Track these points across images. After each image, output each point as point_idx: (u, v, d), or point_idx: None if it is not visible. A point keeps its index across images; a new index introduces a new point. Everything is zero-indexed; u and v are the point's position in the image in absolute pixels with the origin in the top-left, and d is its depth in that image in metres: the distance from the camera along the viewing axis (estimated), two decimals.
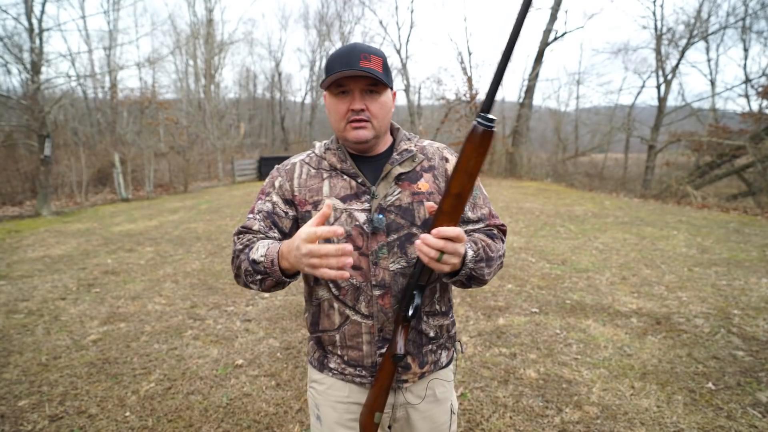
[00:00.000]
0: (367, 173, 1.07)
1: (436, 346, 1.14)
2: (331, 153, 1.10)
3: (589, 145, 21.68)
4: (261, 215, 1.08)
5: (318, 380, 1.16)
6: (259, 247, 0.99)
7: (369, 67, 0.95)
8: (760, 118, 13.31)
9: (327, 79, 0.97)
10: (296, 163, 1.13)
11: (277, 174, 1.13)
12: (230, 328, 3.49)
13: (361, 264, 1.04)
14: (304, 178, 1.09)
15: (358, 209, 1.04)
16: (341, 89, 0.99)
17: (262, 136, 30.22)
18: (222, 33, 27.55)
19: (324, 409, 1.15)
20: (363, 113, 1.00)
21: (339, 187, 1.06)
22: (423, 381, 1.14)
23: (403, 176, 1.07)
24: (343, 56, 0.96)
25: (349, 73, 0.94)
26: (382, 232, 1.03)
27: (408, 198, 1.05)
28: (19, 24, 9.93)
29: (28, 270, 5.08)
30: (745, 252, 5.66)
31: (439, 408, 1.17)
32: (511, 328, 3.41)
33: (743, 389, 2.53)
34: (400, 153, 1.09)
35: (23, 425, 2.27)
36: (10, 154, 11.98)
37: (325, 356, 1.14)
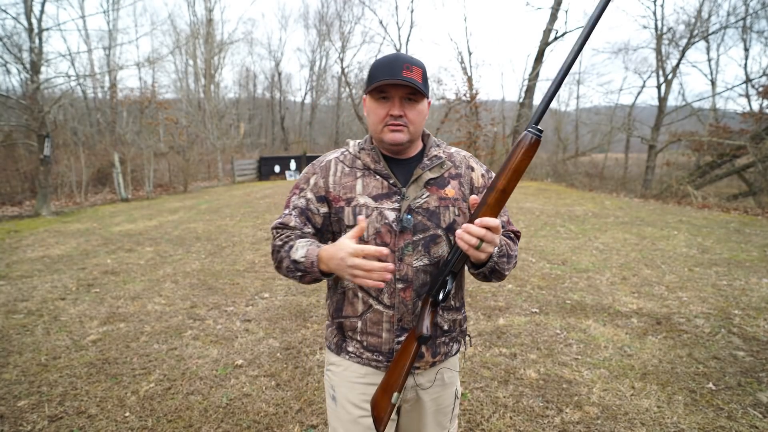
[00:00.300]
0: (398, 175, 1.15)
1: (449, 338, 1.22)
2: (365, 153, 1.16)
3: (590, 145, 21.69)
4: (296, 211, 1.16)
5: (335, 362, 1.23)
6: (298, 247, 1.08)
7: (410, 77, 1.03)
8: (761, 118, 13.30)
9: (371, 85, 1.05)
10: (331, 161, 1.19)
11: (312, 171, 1.20)
12: (230, 328, 3.48)
13: (387, 259, 1.09)
14: (339, 176, 1.16)
15: (388, 208, 1.11)
16: (383, 95, 1.07)
17: (262, 136, 30.22)
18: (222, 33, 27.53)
19: (340, 389, 1.21)
20: (401, 119, 1.07)
21: (371, 186, 1.13)
22: (433, 368, 1.22)
23: (431, 181, 1.14)
24: (387, 65, 1.04)
25: (392, 81, 1.02)
26: (409, 231, 1.11)
27: (435, 202, 1.13)
28: (18, 23, 9.92)
29: (27, 270, 5.08)
30: (745, 252, 5.65)
31: (446, 392, 1.25)
32: (512, 329, 3.41)
33: (744, 389, 2.52)
34: (431, 159, 1.16)
35: (23, 425, 2.26)
36: (10, 154, 11.97)
37: (344, 341, 1.20)
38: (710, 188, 13.74)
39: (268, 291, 4.35)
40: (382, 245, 1.09)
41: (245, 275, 4.86)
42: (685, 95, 28.42)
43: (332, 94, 30.91)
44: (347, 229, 1.13)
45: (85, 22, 20.08)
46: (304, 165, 18.83)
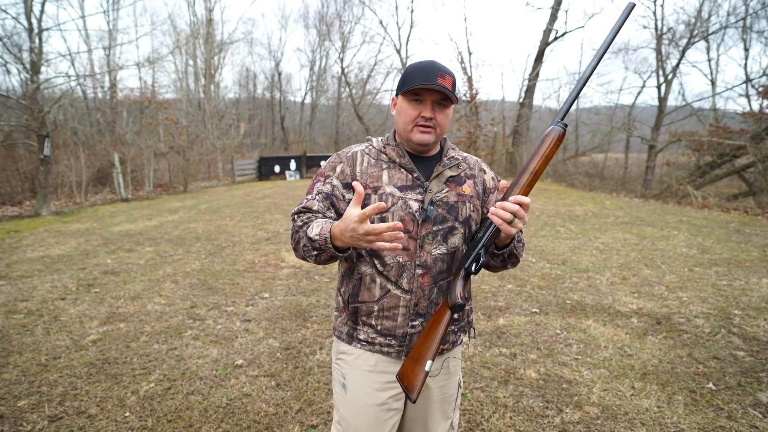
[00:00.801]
0: (420, 170, 1.22)
1: (457, 327, 1.30)
2: (390, 148, 1.24)
3: (590, 145, 21.68)
4: (321, 196, 1.21)
5: (347, 351, 1.27)
6: (314, 226, 1.12)
7: (444, 84, 1.12)
8: (761, 118, 13.30)
9: (407, 86, 1.13)
10: (357, 152, 1.26)
11: (338, 160, 1.25)
12: (230, 328, 3.48)
13: (409, 246, 1.18)
14: (366, 166, 1.23)
15: (412, 199, 1.18)
16: (416, 97, 1.15)
17: (262, 136, 30.22)
18: (222, 33, 27.54)
19: (351, 378, 1.26)
20: (431, 121, 1.16)
21: (396, 178, 1.20)
22: (440, 357, 1.28)
23: (451, 178, 1.24)
24: (424, 70, 1.12)
25: (428, 86, 1.10)
26: (431, 222, 1.18)
27: (454, 197, 1.22)
28: (18, 23, 9.91)
29: (27, 270, 5.08)
30: (745, 252, 5.65)
31: (451, 381, 1.32)
32: (512, 329, 3.41)
33: (744, 389, 2.52)
34: (449, 159, 1.26)
35: (23, 425, 2.26)
36: (10, 154, 11.97)
37: (356, 329, 1.25)
38: (710, 188, 13.74)
39: (268, 291, 4.35)
40: (405, 233, 1.16)
41: (245, 275, 4.86)
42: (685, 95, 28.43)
43: (332, 94, 30.93)
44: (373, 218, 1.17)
45: (85, 22, 20.09)
46: (304, 165, 18.84)
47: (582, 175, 17.66)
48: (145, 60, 19.84)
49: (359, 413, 1.24)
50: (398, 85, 1.19)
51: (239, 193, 13.02)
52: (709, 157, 14.49)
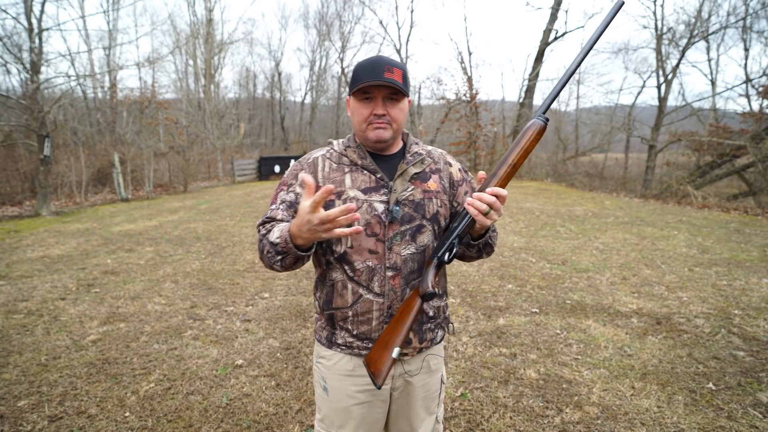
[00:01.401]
0: (384, 170, 1.21)
1: (434, 324, 1.28)
2: (351, 150, 1.22)
3: (590, 145, 21.68)
4: (284, 205, 1.19)
5: (326, 356, 1.28)
6: (274, 231, 1.10)
7: (392, 78, 1.09)
8: (761, 118, 13.30)
9: (355, 86, 1.11)
10: (318, 158, 1.24)
11: (299, 167, 1.24)
12: (230, 328, 3.48)
13: (377, 249, 1.16)
14: (327, 171, 1.21)
15: (377, 200, 1.17)
16: (366, 96, 1.13)
17: (262, 136, 30.21)
18: (222, 33, 27.53)
19: (331, 381, 1.27)
20: (384, 117, 1.14)
21: (360, 180, 1.18)
22: (420, 355, 1.28)
23: (415, 175, 1.22)
24: (369, 67, 1.10)
25: (375, 82, 1.08)
26: (398, 222, 1.17)
27: (420, 195, 1.20)
28: (18, 23, 9.92)
29: (27, 270, 5.08)
30: (745, 252, 5.65)
31: (432, 378, 1.32)
32: (512, 329, 3.41)
33: (744, 389, 2.52)
34: (412, 155, 1.24)
35: (23, 425, 2.26)
36: (10, 154, 11.97)
37: (334, 333, 1.25)
38: (710, 188, 13.73)
39: (268, 291, 4.35)
40: (372, 236, 1.16)
41: (245, 275, 4.86)
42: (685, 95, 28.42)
43: (332, 94, 30.92)
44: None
45: (85, 22, 20.09)
46: None
47: (582, 175, 17.66)
48: (145, 60, 19.84)
49: (343, 414, 1.26)
50: (348, 85, 1.17)
51: (239, 193, 13.02)
52: (709, 157, 14.49)
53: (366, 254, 1.16)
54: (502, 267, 5.08)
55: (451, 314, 3.70)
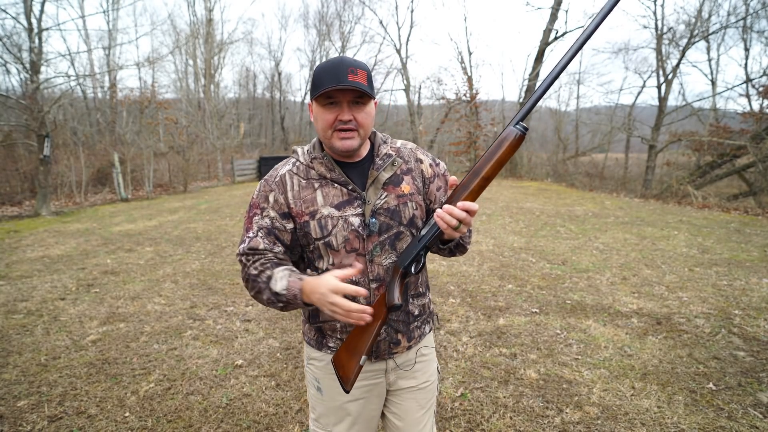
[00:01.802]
0: (354, 178, 1.16)
1: (420, 321, 1.29)
2: (318, 162, 1.16)
3: (590, 144, 21.68)
4: (263, 232, 1.14)
5: (317, 357, 1.26)
6: (278, 278, 1.07)
7: (356, 80, 1.03)
8: (761, 118, 13.29)
9: (318, 91, 1.04)
10: (285, 175, 1.17)
11: (268, 188, 1.17)
12: (230, 328, 3.48)
13: (358, 263, 1.15)
14: (297, 190, 1.15)
15: (352, 214, 1.13)
16: (330, 100, 1.07)
17: (262, 136, 30.22)
18: (222, 33, 27.52)
19: (325, 381, 1.26)
20: (350, 123, 1.08)
21: (332, 196, 1.14)
22: (410, 351, 1.29)
23: (387, 181, 1.17)
24: (332, 70, 1.04)
25: (339, 86, 1.02)
26: (376, 234, 1.14)
27: (394, 201, 1.17)
28: (18, 23, 9.92)
29: (27, 270, 5.08)
30: (746, 252, 5.65)
31: (427, 368, 1.32)
32: (512, 329, 3.41)
33: (744, 390, 2.52)
34: (382, 158, 1.19)
35: (22, 425, 2.26)
36: (10, 153, 11.97)
37: (324, 338, 1.25)
38: (710, 188, 13.73)
39: None
40: (352, 251, 1.14)
41: None
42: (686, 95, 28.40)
43: None
44: (315, 242, 1.14)
45: (84, 22, 20.09)
46: None
47: (582, 175, 17.65)
48: (145, 60, 19.84)
49: (338, 411, 1.26)
50: (310, 89, 1.10)
51: (239, 193, 13.02)
52: (709, 157, 14.48)
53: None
54: (502, 267, 5.07)
55: (452, 314, 3.70)
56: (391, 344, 1.23)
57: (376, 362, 1.24)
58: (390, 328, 1.22)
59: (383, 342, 1.22)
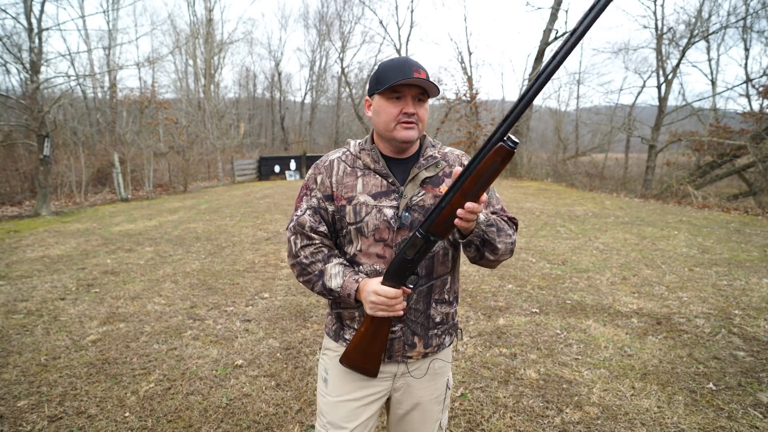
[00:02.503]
0: (396, 174, 1.21)
1: (441, 330, 1.28)
2: (365, 153, 1.22)
3: (590, 144, 21.67)
4: (310, 211, 1.22)
5: (332, 348, 1.30)
6: (332, 275, 1.17)
7: (422, 77, 1.09)
8: (761, 118, 13.29)
9: (385, 85, 1.10)
10: (334, 161, 1.24)
11: (318, 171, 1.25)
12: (230, 328, 3.48)
13: (384, 254, 1.18)
14: (341, 175, 1.22)
15: (387, 206, 1.17)
16: (396, 95, 1.13)
17: (262, 136, 30.21)
18: (222, 33, 27.49)
19: (332, 372, 1.29)
20: (413, 116, 1.14)
21: (371, 185, 1.19)
22: (426, 359, 1.28)
23: (427, 180, 1.20)
24: (399, 66, 1.11)
25: (407, 81, 1.08)
26: (406, 228, 1.17)
27: (430, 200, 1.19)
28: (18, 23, 9.91)
29: (27, 270, 5.08)
30: (746, 252, 5.65)
31: (437, 381, 1.31)
32: (512, 329, 3.41)
33: (744, 390, 2.52)
34: (426, 158, 1.22)
35: (22, 426, 2.26)
36: (9, 154, 11.97)
37: (342, 328, 1.28)
38: (710, 188, 13.73)
39: (268, 291, 4.35)
40: (380, 241, 1.18)
41: (245, 275, 4.85)
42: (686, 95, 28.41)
43: (332, 94, 30.90)
44: (348, 226, 1.19)
45: (84, 22, 20.09)
46: (304, 165, 18.83)
47: (582, 175, 17.65)
48: (145, 60, 19.84)
49: (335, 407, 1.27)
50: (371, 84, 1.17)
51: (239, 193, 13.02)
52: (709, 157, 14.49)
53: (374, 258, 1.18)
54: (502, 267, 5.07)
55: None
56: (406, 346, 1.23)
57: (389, 363, 1.24)
58: (407, 328, 1.22)
59: (398, 341, 1.22)
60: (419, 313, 1.22)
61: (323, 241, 1.22)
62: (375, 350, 1.18)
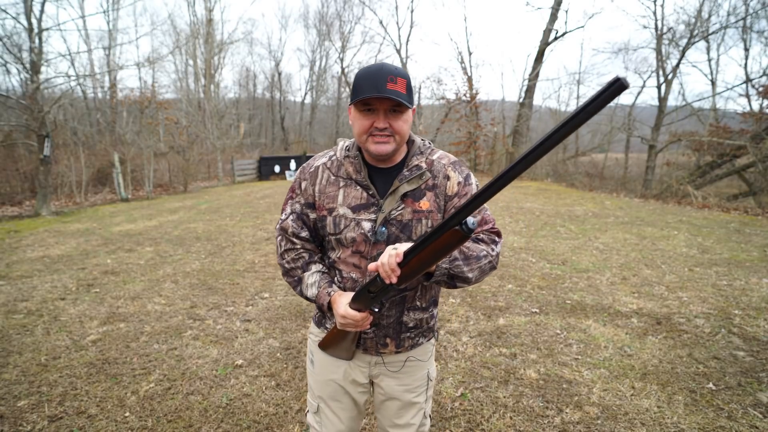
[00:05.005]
0: (379, 185, 1.20)
1: (414, 334, 1.30)
2: (349, 161, 1.20)
3: (590, 144, 21.68)
4: (293, 216, 1.25)
5: (315, 333, 1.38)
6: (308, 284, 1.23)
7: (395, 89, 1.05)
8: (761, 118, 13.30)
9: (356, 97, 1.08)
10: (319, 167, 1.24)
11: (303, 176, 1.26)
12: (230, 328, 3.48)
13: (360, 264, 1.20)
14: (324, 184, 1.22)
15: (365, 219, 1.17)
16: (368, 107, 1.10)
17: (262, 136, 30.20)
18: (222, 33, 27.48)
19: (318, 355, 1.36)
20: (386, 131, 1.10)
21: (351, 197, 1.19)
22: (399, 355, 1.31)
23: (408, 194, 1.18)
24: (371, 77, 1.06)
25: (377, 96, 1.04)
26: (383, 242, 1.17)
27: (409, 215, 1.17)
28: (18, 23, 9.90)
29: (27, 270, 5.08)
30: (745, 252, 5.65)
31: (414, 374, 1.33)
32: (512, 329, 3.41)
33: (744, 389, 2.52)
34: (410, 170, 1.18)
35: (23, 425, 2.26)
36: (10, 154, 11.97)
37: (324, 317, 1.35)
38: (710, 188, 13.73)
39: (268, 291, 4.35)
40: (357, 253, 1.19)
41: (245, 275, 4.86)
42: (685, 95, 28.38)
43: (332, 94, 30.90)
44: (329, 236, 1.22)
45: (85, 22, 20.08)
46: None
47: (582, 175, 17.65)
48: (145, 60, 19.84)
49: (323, 385, 1.35)
50: (350, 94, 1.13)
51: (239, 193, 13.02)
52: (709, 157, 14.48)
53: (351, 267, 1.21)
54: (502, 267, 5.08)
55: (452, 314, 3.70)
56: (379, 344, 1.27)
57: (364, 355, 1.30)
58: (379, 332, 1.26)
59: (371, 340, 1.27)
60: (392, 318, 1.24)
61: (304, 246, 1.25)
62: (347, 345, 1.26)
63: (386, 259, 1.00)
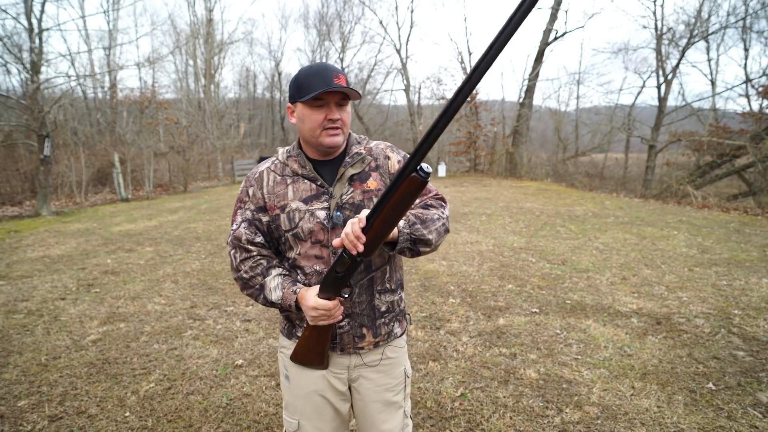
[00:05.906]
0: (326, 175, 1.24)
1: (388, 319, 1.31)
2: (292, 160, 1.26)
3: (590, 145, 21.67)
4: (245, 224, 1.26)
5: (287, 346, 1.34)
6: (271, 288, 1.21)
7: (341, 84, 1.13)
8: (761, 118, 13.31)
9: (310, 94, 1.12)
10: (263, 171, 1.27)
11: (248, 183, 1.28)
12: (230, 328, 3.48)
13: (323, 254, 1.22)
14: (272, 185, 1.25)
15: (319, 208, 1.21)
16: (319, 102, 1.15)
17: (262, 136, 30.22)
18: (222, 33, 27.49)
19: (292, 370, 1.33)
20: (337, 122, 1.17)
21: (301, 190, 1.22)
22: (378, 348, 1.31)
23: (354, 177, 1.24)
24: (320, 74, 1.13)
25: (330, 89, 1.11)
26: (340, 227, 1.19)
27: (359, 196, 1.22)
28: (18, 24, 9.92)
29: (27, 270, 5.08)
30: (745, 252, 5.65)
31: (392, 371, 1.34)
32: (512, 329, 3.41)
33: (744, 389, 2.52)
34: (352, 156, 1.26)
35: (23, 425, 2.26)
36: (10, 154, 11.98)
37: (293, 327, 1.32)
38: (710, 188, 13.74)
39: None
40: (317, 243, 1.22)
41: None
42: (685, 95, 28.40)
43: None
44: (285, 233, 1.23)
45: (85, 22, 20.10)
46: None
47: (582, 175, 17.65)
48: (145, 60, 19.84)
49: (303, 399, 1.32)
50: (292, 92, 1.18)
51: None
52: (709, 157, 14.49)
53: (313, 260, 1.22)
54: (502, 267, 5.08)
55: (452, 314, 3.71)
56: (356, 338, 1.27)
57: (342, 356, 1.28)
58: (354, 322, 1.26)
59: (347, 335, 1.26)
60: (364, 305, 1.26)
61: (261, 252, 1.25)
62: (320, 349, 1.23)
63: (349, 228, 1.03)
